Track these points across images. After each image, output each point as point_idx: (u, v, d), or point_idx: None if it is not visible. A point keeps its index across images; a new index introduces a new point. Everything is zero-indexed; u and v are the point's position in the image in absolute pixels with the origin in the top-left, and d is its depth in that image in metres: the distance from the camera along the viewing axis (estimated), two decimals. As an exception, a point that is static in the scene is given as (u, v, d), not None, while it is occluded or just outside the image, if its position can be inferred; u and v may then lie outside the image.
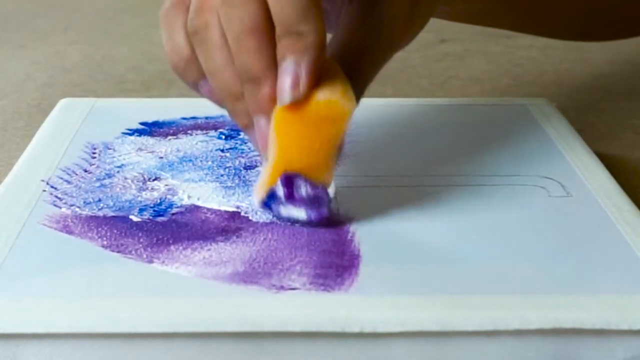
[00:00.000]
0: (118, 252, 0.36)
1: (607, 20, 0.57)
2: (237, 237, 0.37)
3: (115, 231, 0.37)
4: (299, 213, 0.37)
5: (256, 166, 0.44)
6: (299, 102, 0.35)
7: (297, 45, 0.35)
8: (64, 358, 0.32)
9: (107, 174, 0.43)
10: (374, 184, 0.42)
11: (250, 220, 0.38)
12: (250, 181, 0.42)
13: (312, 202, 0.36)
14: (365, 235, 0.37)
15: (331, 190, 0.37)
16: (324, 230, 0.38)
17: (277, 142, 0.36)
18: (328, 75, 0.36)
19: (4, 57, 0.71)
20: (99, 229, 0.37)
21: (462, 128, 0.49)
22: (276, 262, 0.35)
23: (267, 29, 0.35)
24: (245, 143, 0.47)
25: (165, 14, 0.38)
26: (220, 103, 0.38)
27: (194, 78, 0.38)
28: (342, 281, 0.34)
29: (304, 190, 0.36)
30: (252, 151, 0.46)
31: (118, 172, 0.43)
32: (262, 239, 0.37)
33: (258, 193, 0.37)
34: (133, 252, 0.36)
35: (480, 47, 0.73)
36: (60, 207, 0.39)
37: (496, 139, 0.48)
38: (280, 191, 0.36)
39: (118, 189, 0.41)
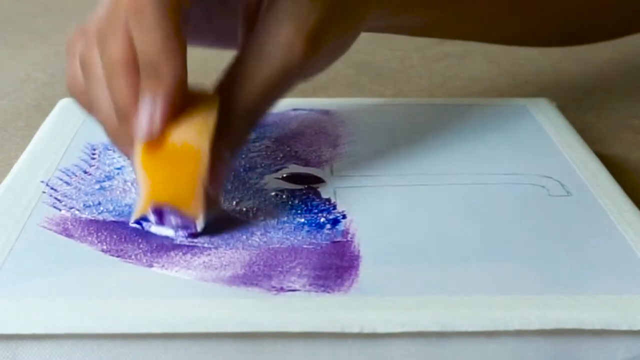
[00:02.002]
0: (118, 256, 0.36)
1: (568, 27, 0.57)
2: (237, 241, 0.37)
3: (114, 236, 0.37)
4: (168, 232, 0.37)
5: (256, 167, 0.44)
6: (157, 140, 0.35)
7: (155, 83, 0.35)
8: (64, 358, 0.32)
9: (106, 176, 0.43)
10: (374, 184, 0.42)
11: (250, 223, 0.38)
12: (250, 183, 0.42)
13: (181, 228, 0.37)
14: (365, 235, 0.37)
15: (199, 223, 0.37)
16: (323, 231, 0.38)
17: (143, 175, 0.36)
18: (192, 111, 0.36)
19: (4, 57, 0.71)
20: (99, 234, 0.37)
21: (462, 128, 0.49)
22: (276, 264, 0.35)
23: (135, 65, 0.36)
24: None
25: (68, 43, 0.39)
26: (105, 133, 0.39)
27: (86, 106, 0.39)
28: (342, 282, 0.34)
29: (172, 219, 0.37)
30: (252, 152, 0.46)
31: (118, 174, 0.43)
32: (262, 242, 0.37)
33: (133, 216, 0.38)
34: (133, 256, 0.36)
35: (480, 47, 0.73)
36: (60, 209, 0.39)
37: (496, 138, 0.48)
38: (151, 217, 0.37)
39: (118, 193, 0.41)
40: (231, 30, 0.42)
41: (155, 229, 0.37)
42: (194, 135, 0.36)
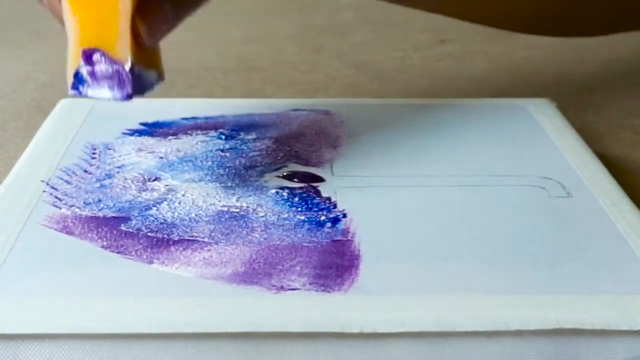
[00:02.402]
0: (118, 252, 0.36)
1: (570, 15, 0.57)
2: (238, 237, 0.37)
3: (115, 232, 0.37)
4: (104, 93, 0.37)
5: (257, 166, 0.44)
6: None
7: None
8: (64, 358, 0.32)
9: (107, 175, 0.43)
10: (374, 184, 0.42)
11: (251, 220, 0.38)
12: (251, 181, 0.42)
13: (113, 79, 0.37)
14: (365, 234, 0.37)
15: (127, 66, 0.36)
16: (324, 230, 0.38)
17: (71, 20, 0.36)
18: None
19: (4, 57, 0.71)
20: (99, 230, 0.37)
21: (462, 128, 0.49)
22: (276, 263, 0.35)
23: None
24: (246, 143, 0.47)
25: None
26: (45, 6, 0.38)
27: None
28: (342, 281, 0.34)
29: (103, 65, 0.36)
30: (252, 151, 0.46)
31: (118, 172, 0.43)
32: (262, 239, 0.37)
33: (67, 77, 0.37)
34: (133, 252, 0.36)
35: (480, 47, 0.73)
36: (60, 208, 0.39)
37: (496, 139, 0.48)
38: (84, 69, 0.37)
39: (118, 190, 0.41)
40: None
41: (91, 91, 0.37)
42: None
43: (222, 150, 0.46)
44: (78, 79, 0.37)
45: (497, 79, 0.66)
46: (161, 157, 0.45)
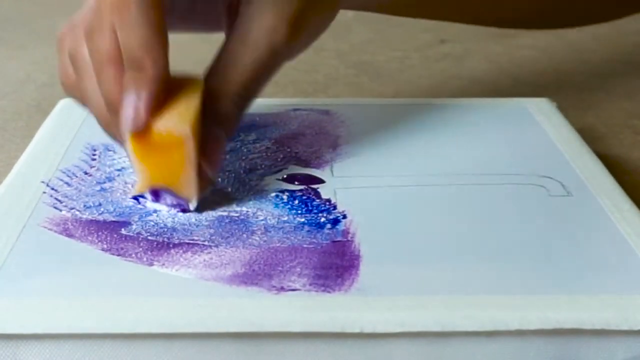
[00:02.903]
0: (118, 255, 0.36)
1: (548, 9, 0.57)
2: (238, 240, 0.37)
3: (115, 235, 0.37)
4: (162, 207, 0.39)
5: (257, 169, 0.44)
6: (145, 131, 0.37)
7: (138, 77, 0.37)
8: (64, 358, 0.32)
9: (107, 178, 0.43)
10: (374, 184, 0.42)
11: (251, 224, 0.38)
12: (251, 185, 0.42)
13: (175, 206, 0.39)
14: (365, 235, 0.37)
15: (192, 204, 0.39)
16: (324, 231, 0.38)
17: (138, 163, 0.38)
18: (176, 98, 0.38)
19: (4, 57, 0.71)
20: (99, 233, 0.37)
21: (462, 128, 0.49)
22: (276, 264, 0.35)
23: (121, 59, 0.37)
24: (246, 145, 0.47)
25: (58, 39, 0.41)
26: (99, 124, 0.40)
27: (80, 100, 0.41)
28: (343, 282, 0.34)
29: (167, 198, 0.39)
30: (252, 153, 0.46)
31: (118, 175, 0.43)
32: (262, 241, 0.37)
33: (130, 194, 0.40)
34: (133, 255, 0.36)
35: (480, 47, 0.73)
36: (61, 210, 0.39)
37: (496, 139, 0.48)
38: (148, 196, 0.39)
39: (118, 194, 0.41)
40: (215, 15, 0.43)
41: (150, 204, 0.39)
42: (175, 122, 0.37)
43: (222, 152, 0.45)
44: (140, 196, 0.40)
45: (497, 79, 0.66)
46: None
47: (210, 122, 0.39)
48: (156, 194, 0.39)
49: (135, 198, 0.40)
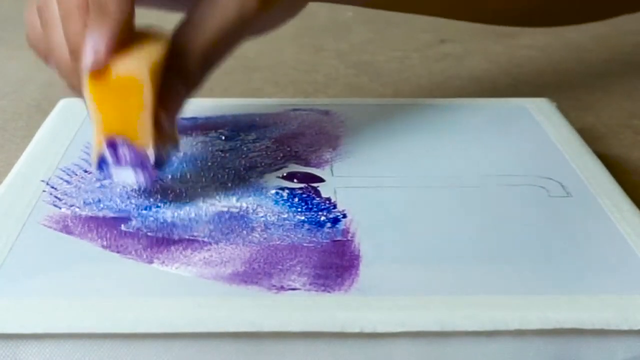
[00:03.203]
0: (118, 252, 0.36)
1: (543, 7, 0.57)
2: (238, 237, 0.37)
3: (115, 232, 0.37)
4: (128, 178, 0.39)
5: (257, 167, 0.44)
6: (102, 72, 0.37)
7: (100, 19, 0.37)
8: (64, 358, 0.32)
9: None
10: (374, 184, 0.42)
11: (251, 220, 0.38)
12: (251, 182, 0.42)
13: (136, 165, 0.38)
14: (365, 235, 0.37)
15: (150, 153, 0.38)
16: (324, 230, 0.38)
17: (95, 109, 0.38)
18: (139, 46, 0.38)
19: (4, 57, 0.71)
20: (99, 230, 0.37)
21: (462, 128, 0.49)
22: (276, 263, 0.35)
23: (87, 8, 0.38)
24: (246, 143, 0.47)
25: None
26: (61, 77, 0.40)
27: (43, 53, 0.41)
28: (342, 281, 0.34)
29: (126, 152, 0.38)
30: (252, 152, 0.46)
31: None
32: (262, 239, 0.37)
33: (92, 159, 0.39)
34: (133, 252, 0.36)
35: (480, 47, 0.73)
36: (60, 208, 0.39)
37: (496, 139, 0.48)
38: (107, 154, 0.38)
39: (118, 190, 0.41)
40: None
41: (115, 172, 0.39)
42: (135, 65, 0.37)
43: (222, 151, 0.46)
44: (102, 161, 0.39)
45: (497, 79, 0.66)
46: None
47: (173, 76, 0.39)
48: (114, 148, 0.38)
49: (99, 166, 0.39)
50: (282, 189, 0.41)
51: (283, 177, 0.43)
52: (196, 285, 0.34)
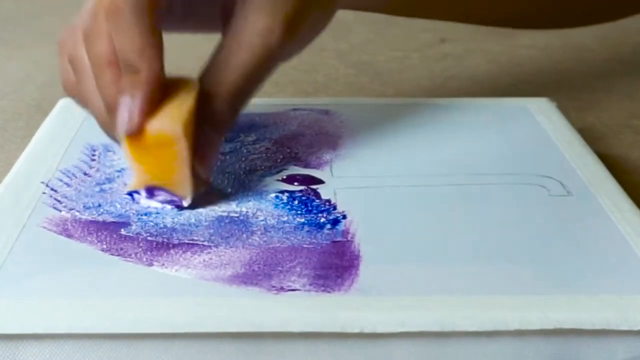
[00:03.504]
0: (118, 255, 0.36)
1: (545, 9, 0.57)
2: (237, 240, 0.37)
3: (115, 236, 0.37)
4: (156, 204, 0.40)
5: (257, 170, 0.44)
6: (139, 133, 0.38)
7: (133, 81, 0.38)
8: (64, 358, 0.32)
9: (107, 179, 0.43)
10: (374, 184, 0.42)
11: (251, 224, 0.38)
12: (250, 186, 0.42)
13: (169, 202, 0.40)
14: (365, 235, 0.37)
15: (186, 202, 0.40)
16: (323, 231, 0.38)
17: (133, 163, 0.39)
18: (169, 99, 0.39)
19: (4, 57, 0.71)
20: (99, 234, 0.37)
21: (462, 128, 0.49)
22: (276, 264, 0.35)
23: (118, 61, 0.38)
24: (246, 145, 0.47)
25: (59, 41, 0.41)
26: (98, 124, 0.41)
27: (79, 101, 0.42)
28: (342, 282, 0.34)
29: (162, 197, 0.40)
30: (252, 154, 0.46)
31: (118, 176, 0.43)
32: (262, 241, 0.37)
33: (125, 189, 0.41)
34: (133, 255, 0.36)
35: (480, 47, 0.73)
36: (60, 210, 0.39)
37: (496, 138, 0.48)
38: (142, 192, 0.40)
39: (118, 195, 0.41)
40: (212, 16, 0.43)
41: (144, 201, 0.40)
42: (168, 122, 0.38)
43: (222, 154, 0.45)
44: (135, 193, 0.40)
45: (497, 79, 0.66)
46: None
47: (204, 123, 0.39)
48: (150, 192, 0.40)
49: (130, 194, 0.40)
50: (282, 192, 0.41)
51: (283, 180, 0.43)
52: (196, 285, 0.34)
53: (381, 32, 0.77)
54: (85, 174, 0.43)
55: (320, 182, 0.43)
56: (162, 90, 0.38)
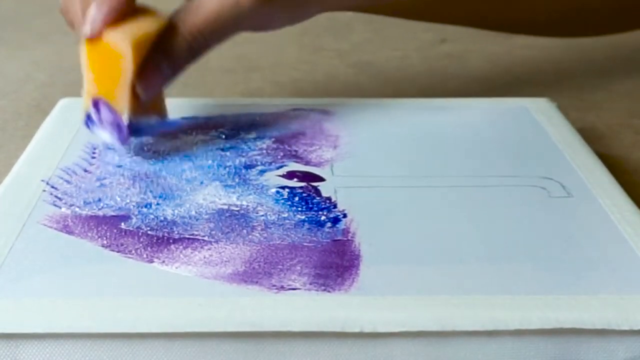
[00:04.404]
0: (118, 251, 0.36)
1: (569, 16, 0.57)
2: (238, 236, 0.37)
3: (115, 231, 0.37)
4: (106, 136, 0.44)
5: (257, 165, 0.44)
6: (97, 39, 0.42)
7: None
8: (64, 358, 0.32)
9: (107, 174, 0.43)
10: (374, 184, 0.42)
11: (251, 219, 0.38)
12: (250, 180, 0.42)
13: (114, 126, 0.43)
14: (365, 235, 0.37)
15: (124, 118, 0.43)
16: (324, 229, 0.38)
17: (87, 71, 0.43)
18: (133, 21, 0.43)
19: (4, 57, 0.71)
20: (99, 229, 0.37)
21: (462, 128, 0.49)
22: (276, 262, 0.35)
23: None
24: (246, 142, 0.47)
25: None
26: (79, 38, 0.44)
27: (68, 20, 0.45)
28: (343, 281, 0.34)
29: (107, 113, 0.43)
30: (252, 150, 0.46)
31: (118, 171, 0.43)
32: (262, 238, 0.37)
33: (81, 113, 0.44)
34: (133, 251, 0.36)
35: (480, 47, 0.73)
36: (60, 207, 0.39)
37: (496, 139, 0.48)
38: (92, 112, 0.44)
39: (118, 189, 0.41)
40: None
41: (97, 131, 0.44)
42: (121, 36, 0.42)
43: (222, 150, 0.46)
44: (88, 118, 0.44)
45: (497, 79, 0.66)
46: (161, 157, 0.45)
47: (159, 52, 0.43)
48: (97, 107, 0.43)
49: (87, 123, 0.44)
50: (283, 187, 0.41)
51: (283, 176, 0.43)
52: (196, 285, 0.34)
53: (381, 32, 0.77)
54: (85, 170, 0.43)
55: (320, 179, 0.43)
56: (130, 12, 0.43)
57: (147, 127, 0.45)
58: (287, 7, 0.45)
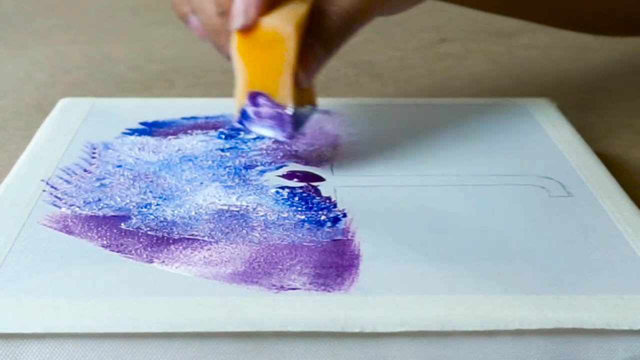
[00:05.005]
0: (118, 251, 0.36)
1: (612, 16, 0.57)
2: (238, 236, 0.37)
3: (115, 231, 0.37)
4: (267, 132, 0.42)
5: (257, 165, 0.44)
6: (250, 29, 0.40)
7: None
8: (64, 358, 0.32)
9: (107, 174, 0.43)
10: (374, 184, 0.42)
11: (251, 219, 0.38)
12: (250, 180, 0.42)
13: (276, 120, 0.41)
14: (365, 234, 0.37)
15: (289, 110, 0.41)
16: (324, 229, 0.38)
17: (240, 66, 0.41)
18: (284, 6, 0.41)
19: (4, 57, 0.71)
20: (99, 229, 0.37)
21: (462, 128, 0.49)
22: (276, 262, 0.35)
23: None
24: (245, 142, 0.47)
25: None
26: (204, 37, 0.42)
27: (184, 12, 0.43)
28: (342, 281, 0.34)
29: (267, 108, 0.41)
30: (252, 150, 0.46)
31: (118, 171, 0.43)
32: (262, 238, 0.37)
33: (234, 112, 0.42)
34: (133, 251, 0.36)
35: (480, 47, 0.73)
36: (60, 207, 0.39)
37: (496, 139, 0.48)
38: (249, 109, 0.41)
39: (118, 189, 0.41)
40: None
41: (255, 128, 0.42)
42: (280, 21, 0.40)
43: (222, 150, 0.46)
44: (243, 115, 0.42)
45: (497, 79, 0.66)
46: (161, 157, 0.45)
47: (311, 37, 0.41)
48: (254, 102, 0.41)
49: (241, 122, 0.41)
50: (282, 187, 0.41)
51: (283, 176, 0.43)
52: (196, 285, 0.34)
53: (381, 32, 0.77)
54: (85, 170, 0.43)
55: (320, 179, 0.43)
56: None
57: (304, 118, 0.42)
58: None
